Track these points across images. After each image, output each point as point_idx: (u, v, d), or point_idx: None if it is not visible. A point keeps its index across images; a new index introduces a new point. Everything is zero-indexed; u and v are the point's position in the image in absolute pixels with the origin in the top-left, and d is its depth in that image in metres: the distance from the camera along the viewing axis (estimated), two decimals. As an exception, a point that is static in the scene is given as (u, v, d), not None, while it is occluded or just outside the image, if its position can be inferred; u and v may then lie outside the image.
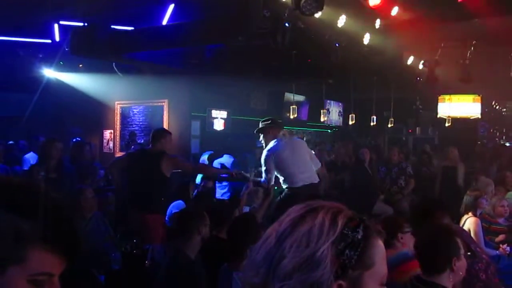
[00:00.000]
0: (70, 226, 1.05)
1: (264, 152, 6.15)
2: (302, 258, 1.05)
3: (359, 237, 1.10)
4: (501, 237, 6.19)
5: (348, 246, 1.08)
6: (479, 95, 11.84)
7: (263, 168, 6.10)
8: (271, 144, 6.15)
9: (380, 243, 1.15)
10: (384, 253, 1.16)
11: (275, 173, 6.07)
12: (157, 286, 3.79)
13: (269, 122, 6.38)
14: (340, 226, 1.09)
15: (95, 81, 11.33)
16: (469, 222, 5.67)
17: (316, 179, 6.18)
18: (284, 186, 6.11)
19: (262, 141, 6.38)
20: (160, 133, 6.24)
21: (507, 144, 14.53)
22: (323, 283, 1.04)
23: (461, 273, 2.90)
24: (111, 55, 8.67)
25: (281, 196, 6.15)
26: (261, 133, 6.36)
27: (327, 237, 1.07)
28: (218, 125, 12.11)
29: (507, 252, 5.71)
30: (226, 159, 9.01)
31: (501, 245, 5.83)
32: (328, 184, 8.74)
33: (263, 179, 6.13)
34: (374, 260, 1.11)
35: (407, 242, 3.68)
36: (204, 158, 8.93)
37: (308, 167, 6.17)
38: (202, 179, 7.78)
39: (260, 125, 6.39)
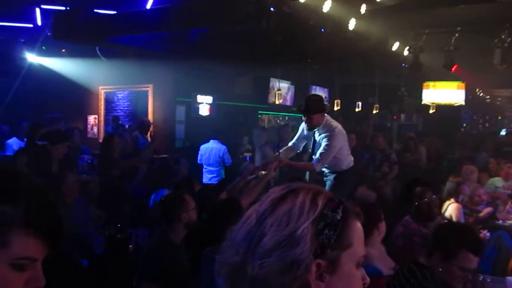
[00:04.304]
0: (53, 211, 1.05)
1: (336, 132, 5.63)
2: (282, 236, 1.06)
3: (338, 217, 1.11)
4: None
5: (327, 226, 1.09)
6: (463, 82, 11.87)
7: (329, 149, 5.56)
8: (337, 124, 5.78)
9: (358, 225, 1.16)
10: (362, 235, 1.17)
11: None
12: (140, 268, 3.79)
13: (323, 104, 5.91)
14: (320, 206, 1.10)
15: (79, 66, 11.19)
16: (451, 208, 5.73)
17: None
18: (333, 170, 5.81)
19: (306, 123, 5.72)
20: None
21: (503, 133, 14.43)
22: (303, 261, 1.04)
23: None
24: (94, 39, 8.56)
25: (336, 180, 5.80)
26: (318, 113, 5.65)
27: (307, 216, 1.08)
28: (204, 110, 12.06)
29: (487, 238, 5.80)
30: (212, 145, 9.01)
31: (481, 231, 5.92)
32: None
33: (316, 160, 5.56)
34: (352, 241, 1.12)
35: (382, 230, 3.87)
36: None
37: None
38: None
39: (315, 104, 5.70)
